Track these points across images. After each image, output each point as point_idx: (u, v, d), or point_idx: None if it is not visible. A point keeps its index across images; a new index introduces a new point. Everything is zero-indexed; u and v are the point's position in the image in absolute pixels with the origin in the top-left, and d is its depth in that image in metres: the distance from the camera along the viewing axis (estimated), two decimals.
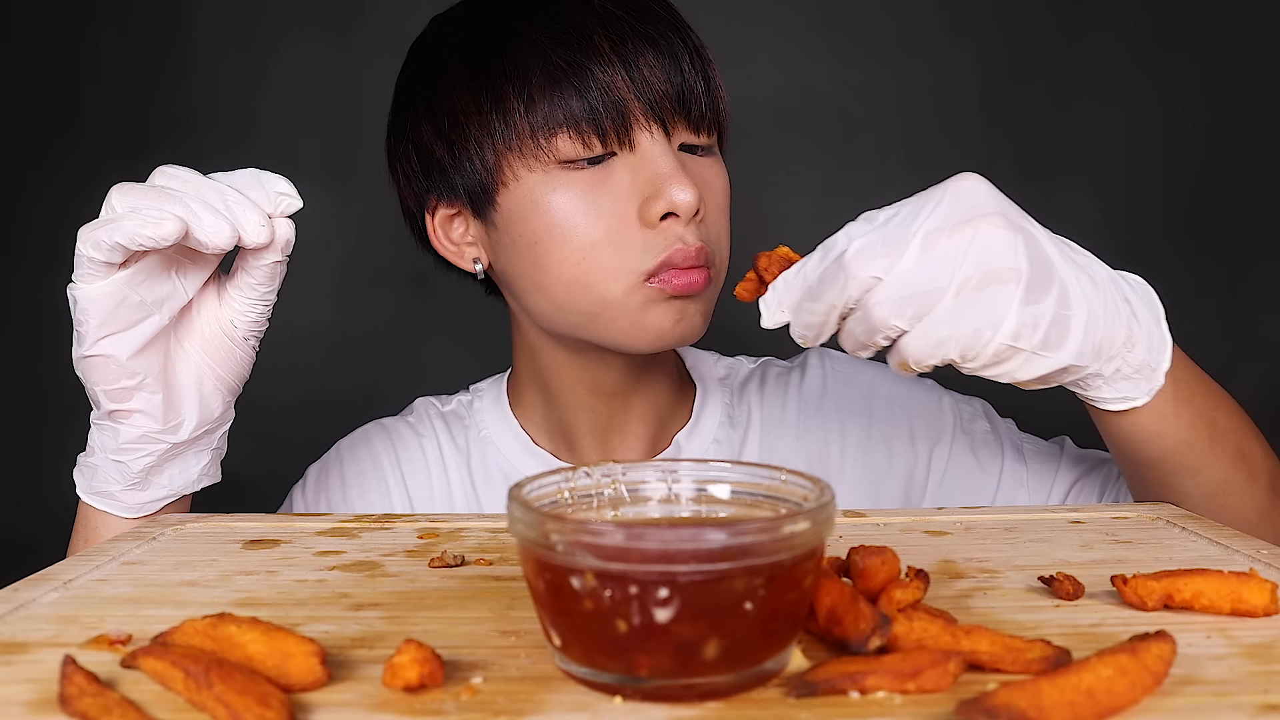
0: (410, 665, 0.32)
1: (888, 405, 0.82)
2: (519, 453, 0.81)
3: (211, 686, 0.30)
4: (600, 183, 0.67)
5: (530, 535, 0.32)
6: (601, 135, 0.66)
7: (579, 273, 0.67)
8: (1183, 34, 1.38)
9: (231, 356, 0.61)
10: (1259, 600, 0.38)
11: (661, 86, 0.67)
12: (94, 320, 0.55)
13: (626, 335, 0.69)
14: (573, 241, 0.67)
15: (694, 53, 0.70)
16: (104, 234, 0.52)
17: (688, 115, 0.69)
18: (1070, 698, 0.29)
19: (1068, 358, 0.50)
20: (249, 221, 0.54)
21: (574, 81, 0.66)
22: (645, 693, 0.31)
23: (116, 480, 0.61)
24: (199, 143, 1.36)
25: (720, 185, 0.72)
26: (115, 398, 0.58)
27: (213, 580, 0.45)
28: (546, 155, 0.67)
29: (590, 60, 0.67)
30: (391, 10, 1.37)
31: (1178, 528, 0.53)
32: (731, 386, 0.84)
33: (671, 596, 0.30)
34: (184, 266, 0.58)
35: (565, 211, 0.67)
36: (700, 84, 0.69)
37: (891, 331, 0.49)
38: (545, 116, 0.66)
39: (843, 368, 0.85)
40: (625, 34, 0.68)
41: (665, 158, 0.67)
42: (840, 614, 0.34)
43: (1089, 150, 1.39)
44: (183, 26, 1.36)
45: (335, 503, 0.82)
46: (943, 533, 0.52)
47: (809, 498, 0.35)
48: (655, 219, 0.66)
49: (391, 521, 0.56)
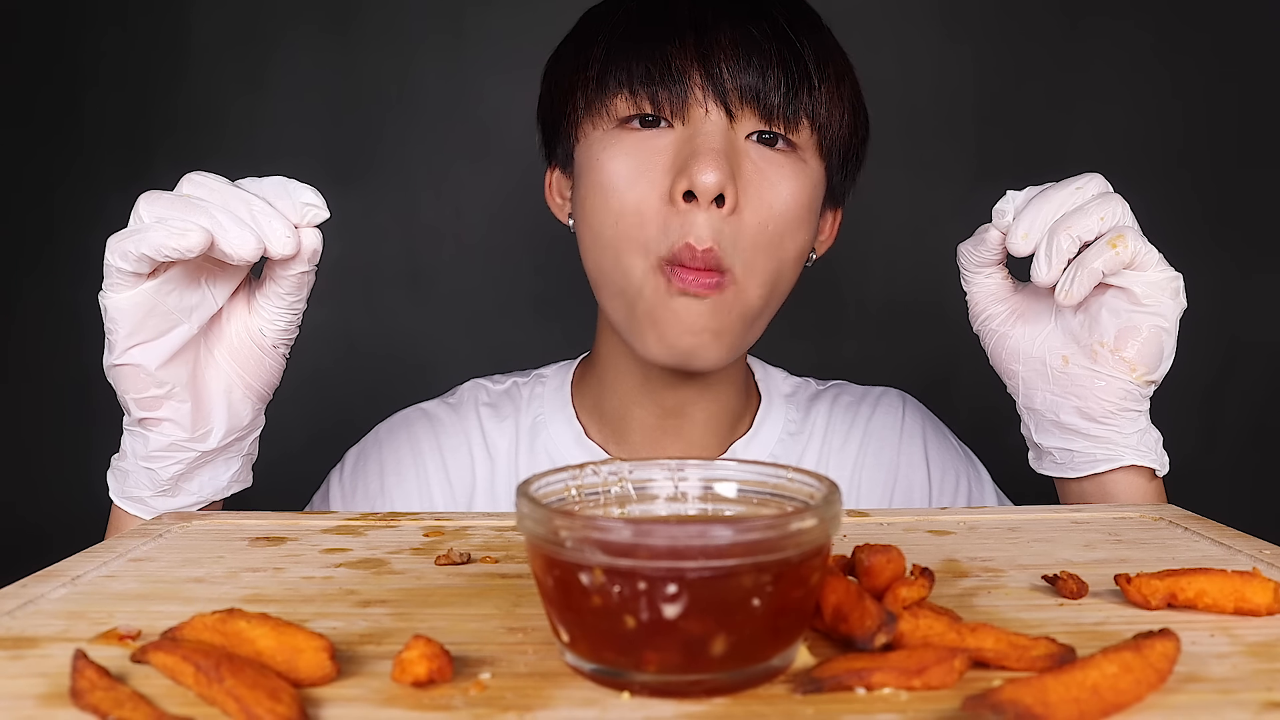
0: (419, 661, 0.32)
1: (941, 470, 0.84)
2: (569, 442, 0.80)
3: (222, 681, 0.30)
4: (647, 148, 0.67)
5: (539, 531, 0.32)
6: (654, 100, 0.67)
7: (614, 236, 0.68)
8: (1183, 33, 1.39)
9: (261, 365, 0.61)
10: (1262, 599, 0.38)
11: (731, 64, 0.66)
12: (123, 329, 0.56)
13: (639, 332, 0.68)
14: (611, 202, 0.67)
15: (789, 45, 0.67)
16: (130, 244, 0.53)
17: (757, 103, 0.66)
18: (1075, 694, 0.29)
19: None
20: (275, 233, 0.54)
21: (643, 45, 0.67)
22: (653, 688, 0.31)
23: (147, 486, 0.61)
24: (199, 142, 1.36)
25: (785, 191, 0.67)
26: (145, 406, 0.58)
27: (220, 577, 0.45)
28: (608, 114, 0.69)
29: (664, 27, 0.67)
30: (391, 11, 1.37)
31: (1180, 528, 0.53)
32: (797, 403, 0.84)
33: (680, 593, 0.30)
34: (213, 275, 0.58)
35: (609, 171, 0.68)
36: (782, 77, 0.66)
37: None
38: (610, 75, 0.68)
39: (918, 415, 0.86)
40: (708, 7, 0.68)
41: (711, 136, 0.65)
42: (846, 611, 0.34)
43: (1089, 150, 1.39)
44: (182, 26, 1.36)
45: (372, 490, 0.81)
46: (946, 532, 0.52)
47: (815, 496, 0.36)
48: (677, 196, 0.65)
49: (397, 519, 0.56)
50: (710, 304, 0.66)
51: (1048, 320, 0.66)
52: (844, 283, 1.42)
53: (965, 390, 1.19)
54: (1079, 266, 0.59)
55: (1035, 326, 0.66)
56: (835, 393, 0.86)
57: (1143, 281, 0.60)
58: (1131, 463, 0.65)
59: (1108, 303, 0.62)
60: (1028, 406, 0.68)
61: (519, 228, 1.34)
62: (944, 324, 1.32)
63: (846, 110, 0.71)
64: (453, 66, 1.38)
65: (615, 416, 0.79)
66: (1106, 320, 0.62)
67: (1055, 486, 0.70)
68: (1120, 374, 0.63)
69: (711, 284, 0.66)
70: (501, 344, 1.38)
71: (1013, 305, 0.67)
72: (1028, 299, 0.67)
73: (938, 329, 1.33)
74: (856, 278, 1.42)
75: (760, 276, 0.68)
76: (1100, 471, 0.65)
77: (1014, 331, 0.67)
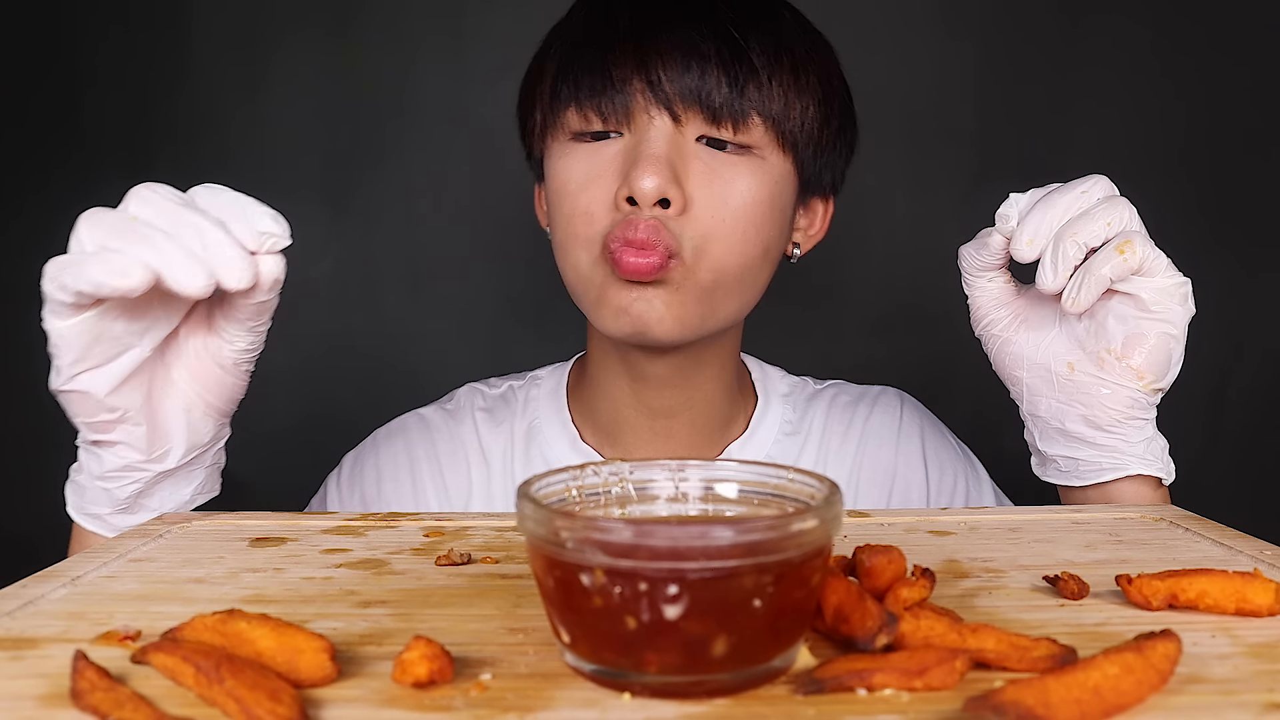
0: (420, 661, 0.32)
1: (939, 469, 0.84)
2: (565, 446, 0.80)
3: (223, 681, 0.30)
4: (596, 158, 0.68)
5: (540, 532, 0.32)
6: (601, 113, 0.68)
7: (565, 237, 0.70)
8: (1184, 34, 1.39)
9: (222, 383, 0.57)
10: (1263, 600, 0.38)
11: (671, 68, 0.66)
12: (68, 356, 0.51)
13: (595, 314, 0.70)
14: (564, 207, 0.69)
15: (730, 43, 0.66)
16: (69, 278, 0.47)
17: (702, 107, 0.66)
18: (1077, 695, 0.29)
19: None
20: (228, 265, 0.48)
21: (586, 57, 0.68)
22: (654, 689, 0.31)
23: (105, 504, 0.58)
24: (199, 143, 1.36)
25: (741, 187, 0.68)
26: (96, 429, 0.54)
27: (220, 577, 0.45)
28: (563, 126, 0.70)
29: (607, 38, 0.68)
30: (392, 11, 1.37)
31: (1181, 528, 0.53)
32: (794, 402, 0.84)
33: (681, 593, 0.30)
34: (166, 298, 0.52)
35: (562, 179, 0.70)
36: (724, 76, 0.66)
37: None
38: (559, 90, 0.70)
39: (915, 415, 0.86)
40: (649, 13, 0.68)
41: (653, 143, 0.66)
42: (847, 612, 0.34)
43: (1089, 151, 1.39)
44: (182, 28, 1.36)
45: (369, 495, 0.81)
46: (947, 533, 0.52)
47: (816, 496, 0.36)
48: (620, 201, 0.66)
49: (397, 520, 0.56)
50: (659, 286, 0.67)
51: (1052, 326, 0.65)
52: (841, 284, 1.41)
53: (963, 392, 1.19)
54: (1086, 273, 0.58)
55: (1039, 332, 0.65)
56: (833, 392, 0.86)
57: (1151, 287, 0.59)
58: (1138, 472, 0.64)
59: (1114, 309, 0.61)
60: (1032, 413, 0.67)
61: (519, 229, 1.34)
62: (942, 326, 1.33)
63: (811, 100, 0.70)
64: (453, 68, 1.38)
65: (607, 419, 0.79)
66: (1113, 327, 0.61)
67: (1058, 494, 0.70)
68: (1127, 381, 0.62)
69: (654, 266, 0.65)
70: (500, 346, 1.38)
71: (1016, 310, 0.66)
72: (1031, 303, 0.66)
73: (935, 331, 1.33)
74: (854, 279, 1.42)
75: (712, 262, 0.68)
76: (1106, 481, 0.65)
77: (1017, 337, 0.66)
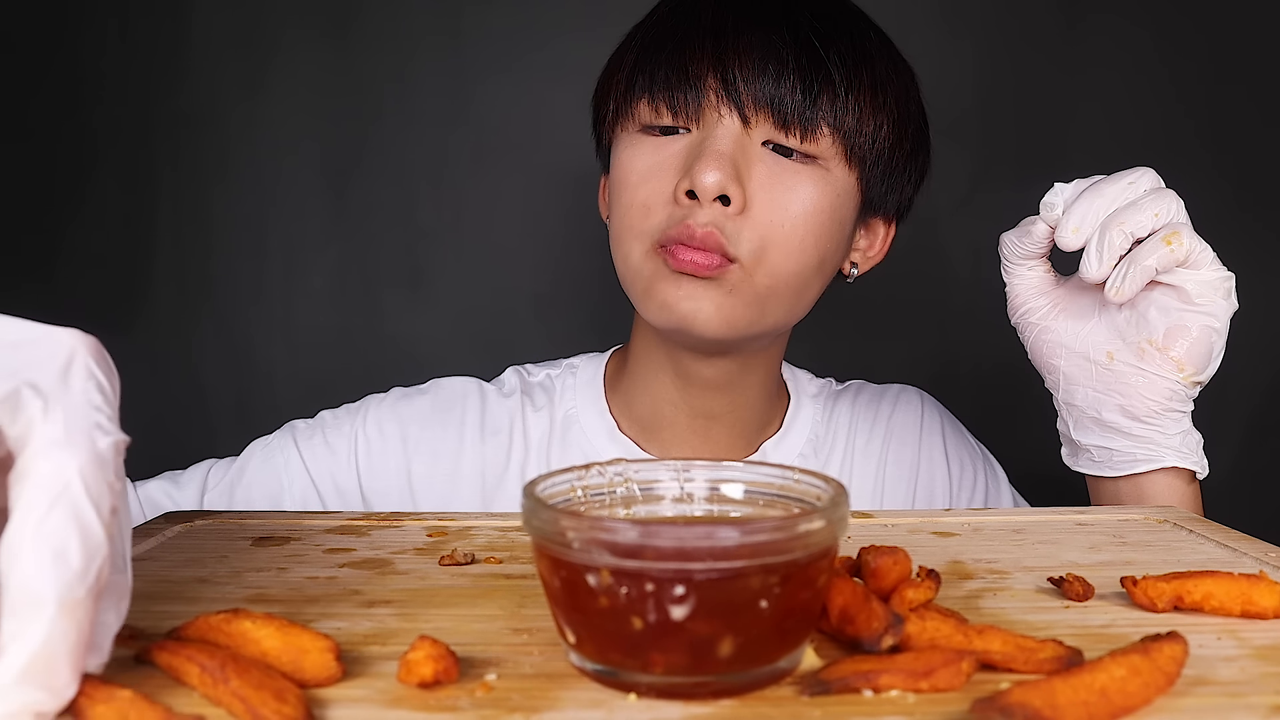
0: (425, 661, 0.32)
1: (960, 465, 0.85)
2: (602, 436, 0.80)
3: (228, 681, 0.30)
4: (662, 152, 0.69)
5: (546, 532, 0.32)
6: (672, 107, 0.68)
7: (620, 228, 0.70)
8: (1184, 34, 1.39)
9: None
10: (1269, 602, 0.38)
11: (747, 70, 0.66)
12: None
13: (643, 304, 0.70)
14: (624, 197, 0.70)
15: (810, 52, 0.66)
16: None
17: (773, 111, 0.66)
18: (1084, 697, 0.29)
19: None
20: None
21: (665, 51, 0.68)
22: (659, 690, 0.31)
23: None
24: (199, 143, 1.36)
25: (803, 195, 0.67)
26: None
27: (223, 577, 0.45)
28: (633, 117, 0.71)
29: (686, 33, 0.68)
30: (391, 11, 1.37)
31: (1185, 530, 0.53)
32: (822, 402, 0.85)
33: (687, 594, 0.30)
34: None
35: (625, 169, 0.70)
36: (799, 84, 0.66)
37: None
38: (634, 80, 0.70)
39: (935, 412, 0.87)
40: (732, 14, 0.68)
41: (719, 140, 0.66)
42: (853, 613, 0.34)
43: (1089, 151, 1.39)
44: (182, 27, 1.36)
45: (410, 434, 0.80)
46: (951, 534, 0.52)
47: (822, 497, 0.36)
48: (680, 194, 0.66)
49: (400, 520, 0.56)
50: (712, 284, 0.67)
51: (1092, 315, 0.65)
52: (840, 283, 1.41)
53: (964, 391, 1.19)
54: (1131, 263, 0.58)
55: (1079, 321, 0.65)
56: (855, 391, 0.87)
57: (1195, 280, 0.60)
58: (1173, 464, 0.64)
59: (1156, 300, 0.61)
60: (1067, 402, 0.67)
61: (518, 228, 1.34)
62: (944, 323, 1.33)
63: (886, 120, 0.70)
64: (452, 67, 1.38)
65: (647, 414, 0.79)
66: (1155, 318, 0.62)
67: (1087, 485, 0.69)
68: (1167, 373, 0.62)
69: (712, 264, 0.66)
70: (501, 344, 1.38)
71: (1055, 299, 0.67)
72: (1071, 293, 0.66)
73: (938, 328, 1.33)
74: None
75: (770, 267, 0.68)
76: (1139, 472, 0.65)
77: (1056, 325, 0.66)
